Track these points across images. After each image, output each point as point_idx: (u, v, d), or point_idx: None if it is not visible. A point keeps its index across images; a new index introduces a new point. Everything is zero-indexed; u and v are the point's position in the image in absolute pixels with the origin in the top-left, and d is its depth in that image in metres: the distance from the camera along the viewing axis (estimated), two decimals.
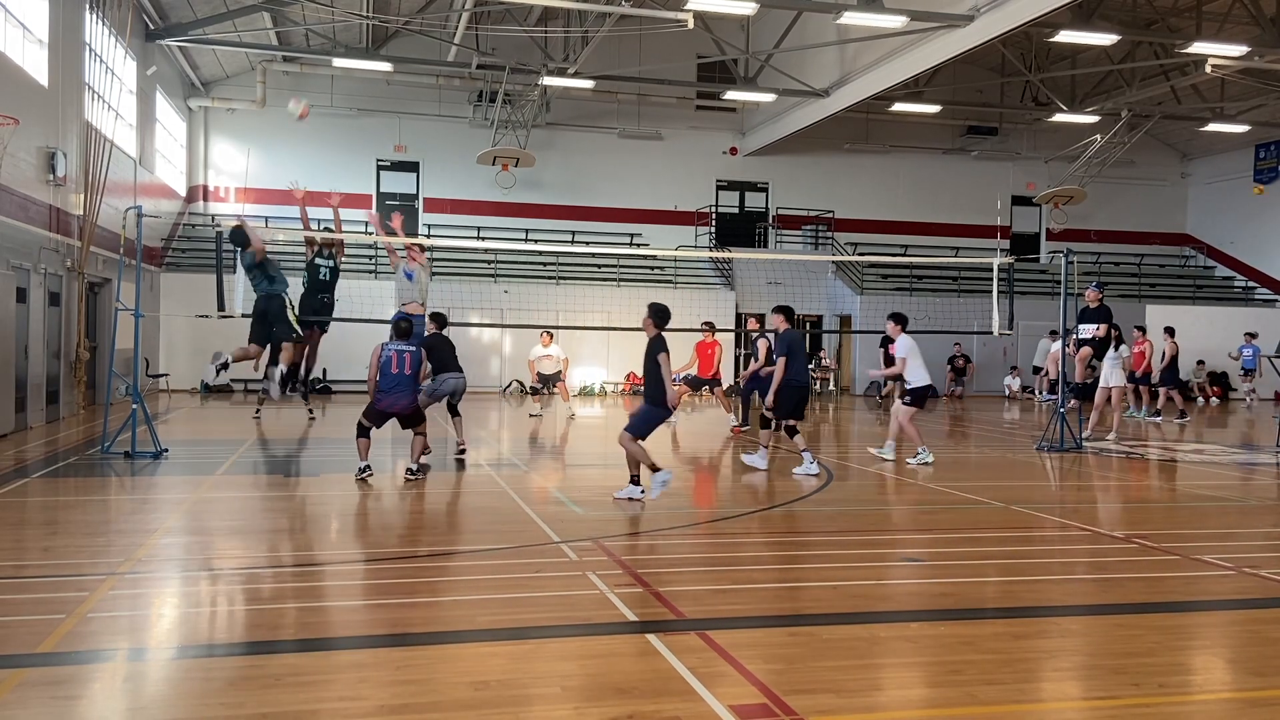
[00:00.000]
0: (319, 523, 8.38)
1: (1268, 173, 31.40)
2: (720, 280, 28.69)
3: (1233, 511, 9.35)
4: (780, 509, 9.08)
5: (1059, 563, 7.25)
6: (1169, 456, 13.84)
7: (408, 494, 9.48)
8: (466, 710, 4.02)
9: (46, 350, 15.47)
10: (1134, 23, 24.63)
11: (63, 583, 5.94)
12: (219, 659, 4.65)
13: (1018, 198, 32.76)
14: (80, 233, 17.13)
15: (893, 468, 11.86)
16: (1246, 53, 21.87)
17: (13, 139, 13.71)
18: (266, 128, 27.41)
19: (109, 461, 11.18)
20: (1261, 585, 6.38)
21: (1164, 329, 21.03)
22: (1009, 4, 18.58)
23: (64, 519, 8.29)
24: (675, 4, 21.14)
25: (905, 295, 28.57)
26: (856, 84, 24.12)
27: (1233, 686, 4.64)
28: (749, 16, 22.23)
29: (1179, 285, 32.38)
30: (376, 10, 24.18)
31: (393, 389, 9.97)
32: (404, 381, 10.00)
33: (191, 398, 22.31)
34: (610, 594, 5.76)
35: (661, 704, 4.10)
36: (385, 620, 5.37)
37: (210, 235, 22.37)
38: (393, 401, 10.01)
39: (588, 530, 7.70)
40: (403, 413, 10.12)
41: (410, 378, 10.06)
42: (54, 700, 4.12)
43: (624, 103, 29.23)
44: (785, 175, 31.10)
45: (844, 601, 5.95)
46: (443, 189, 28.99)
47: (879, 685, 4.55)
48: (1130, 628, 5.39)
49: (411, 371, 10.06)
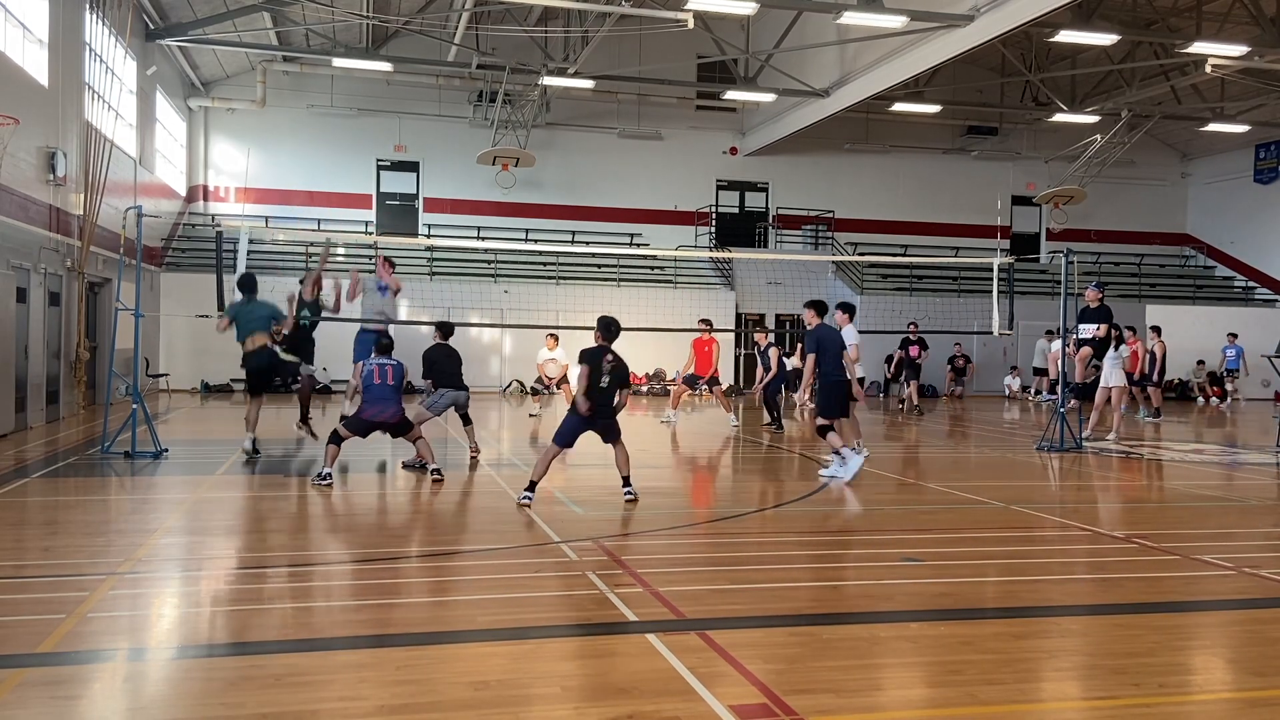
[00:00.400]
0: (319, 523, 8.37)
1: (1268, 173, 31.41)
2: (720, 280, 28.69)
3: (1233, 511, 9.35)
4: (780, 509, 9.08)
5: (1059, 563, 7.25)
6: (1169, 457, 13.83)
7: (408, 494, 9.49)
8: (466, 710, 4.02)
9: (46, 350, 15.47)
10: (1134, 23, 24.64)
11: (63, 583, 5.94)
12: (219, 659, 4.65)
13: (1018, 198, 32.76)
14: (80, 233, 17.13)
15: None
16: (1246, 53, 21.88)
17: (13, 139, 13.71)
18: (266, 128, 27.43)
19: (109, 461, 11.18)
20: (1261, 585, 6.37)
21: (1150, 328, 21.02)
22: (1009, 4, 18.57)
23: (64, 519, 8.29)
24: (675, 4, 21.15)
25: (905, 295, 28.60)
26: (856, 84, 24.12)
27: (1233, 686, 4.64)
28: (749, 16, 22.23)
29: (1179, 285, 32.39)
30: (376, 10, 24.19)
31: (377, 400, 9.96)
32: (388, 392, 9.99)
33: (191, 397, 22.32)
34: (610, 594, 5.76)
35: (661, 704, 4.10)
36: (385, 620, 5.36)
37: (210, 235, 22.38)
38: (379, 411, 9.98)
39: (588, 530, 7.70)
40: (389, 421, 10.09)
41: (393, 388, 10.03)
42: (54, 700, 4.12)
43: (624, 103, 29.23)
44: (785, 175, 31.10)
45: (844, 601, 5.95)
46: (443, 189, 29.00)
47: (879, 685, 4.55)
48: (1130, 628, 5.39)
49: (394, 382, 10.03)
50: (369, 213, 28.62)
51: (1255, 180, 31.82)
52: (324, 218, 27.66)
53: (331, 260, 26.91)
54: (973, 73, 28.51)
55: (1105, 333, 14.67)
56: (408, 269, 26.57)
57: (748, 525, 8.34)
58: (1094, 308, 14.82)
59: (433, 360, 11.37)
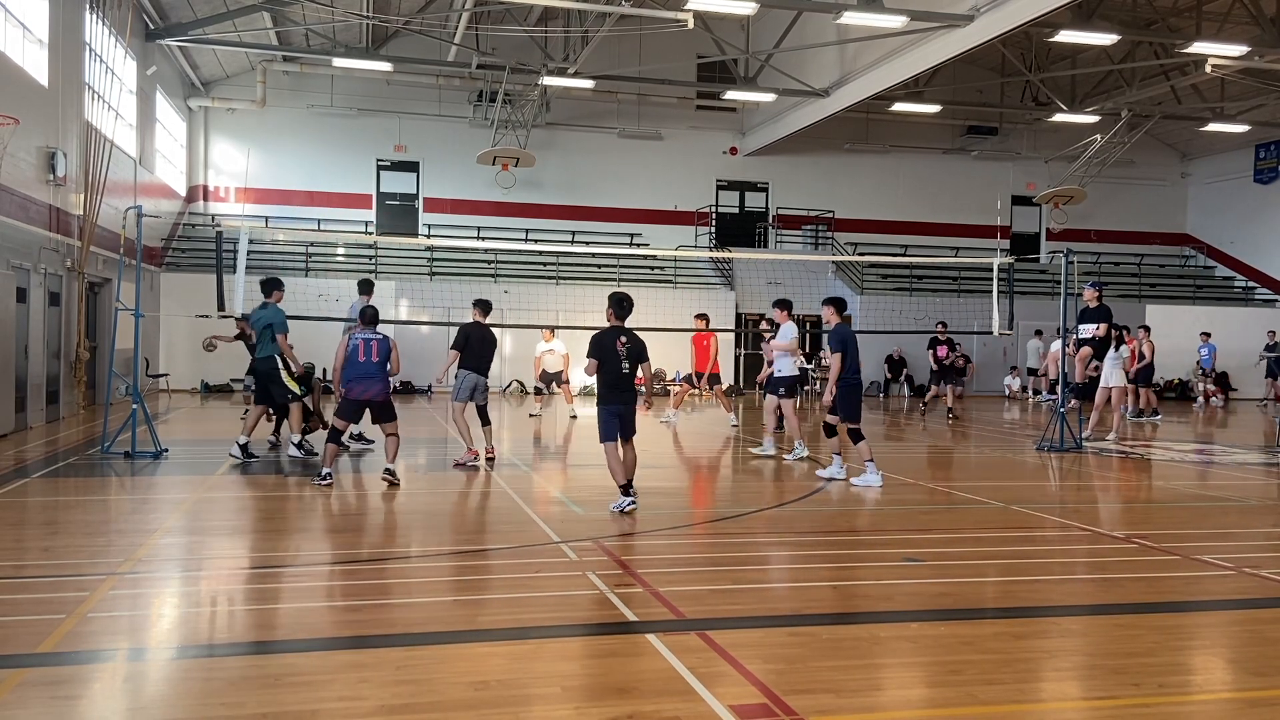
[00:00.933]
0: (318, 523, 8.37)
1: (1268, 173, 31.41)
2: (720, 280, 28.68)
3: (1233, 511, 9.35)
4: (780, 509, 9.08)
5: (1059, 563, 7.25)
6: (1169, 457, 13.83)
7: (408, 494, 9.48)
8: (466, 710, 4.02)
9: (46, 350, 15.47)
10: (1134, 23, 24.64)
11: (63, 583, 5.94)
12: (219, 659, 4.65)
13: (1018, 198, 32.76)
14: (80, 233, 17.13)
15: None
16: (1246, 53, 21.88)
17: (13, 139, 13.71)
18: (266, 128, 27.43)
19: (109, 461, 11.18)
20: (1261, 585, 6.38)
21: (1139, 327, 21.01)
22: (1009, 4, 18.57)
23: (64, 519, 8.29)
24: (675, 4, 21.14)
25: (905, 295, 28.60)
26: (856, 84, 24.12)
27: (1233, 686, 4.64)
28: (749, 16, 22.23)
29: (1179, 285, 32.39)
30: (376, 10, 24.19)
31: (361, 377, 9.78)
32: (372, 369, 9.81)
33: (191, 398, 22.31)
34: (610, 594, 5.76)
35: (661, 704, 4.10)
36: (385, 620, 5.36)
37: (210, 235, 22.39)
38: (364, 389, 9.82)
39: (588, 530, 7.70)
40: (374, 400, 9.91)
41: (378, 365, 9.86)
42: (54, 700, 4.12)
43: (624, 103, 29.23)
44: (785, 175, 31.10)
45: (844, 601, 5.95)
46: (443, 189, 29.00)
47: (879, 685, 4.55)
48: (1130, 628, 5.39)
49: (379, 359, 9.86)
50: (369, 213, 28.62)
51: (1255, 180, 31.83)
52: (324, 218, 27.67)
53: (331, 260, 27.00)
54: (973, 73, 28.51)
55: (1105, 332, 14.68)
56: (408, 269, 26.60)
57: (748, 525, 8.34)
58: (1093, 307, 14.82)
59: (467, 335, 11.22)
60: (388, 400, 10.03)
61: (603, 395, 8.75)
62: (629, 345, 8.68)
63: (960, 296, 28.26)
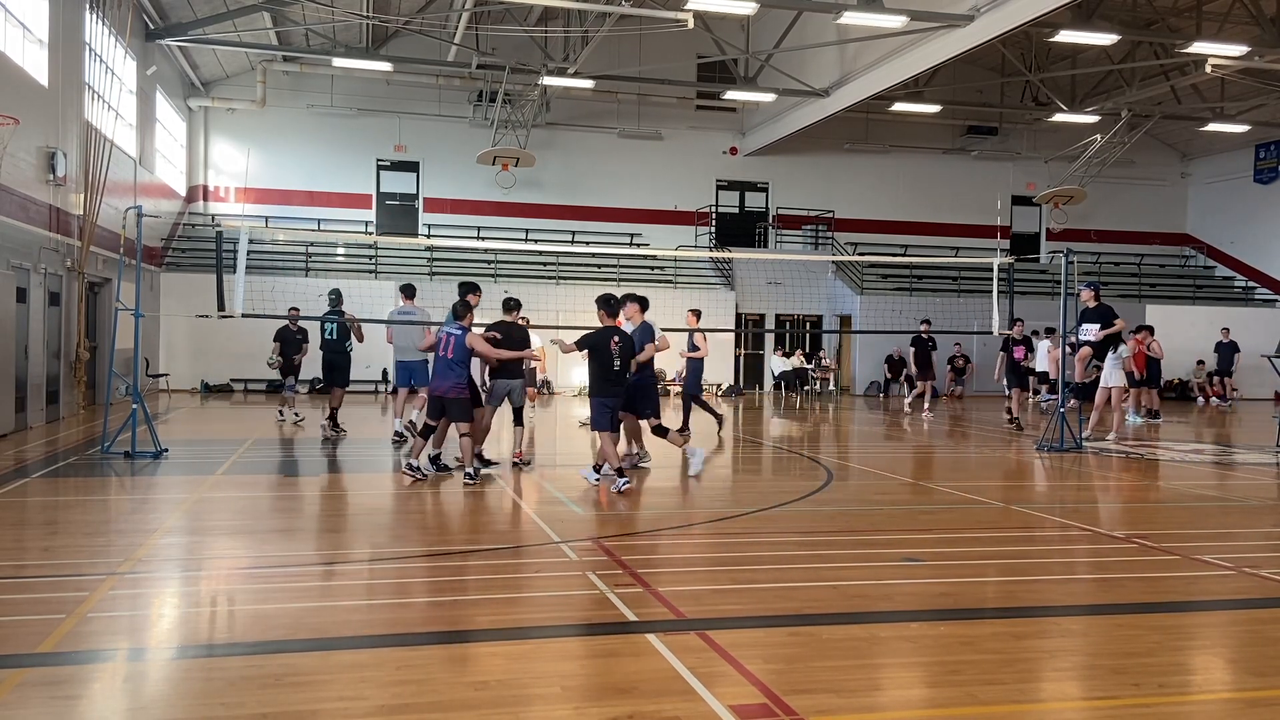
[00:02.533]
0: (318, 522, 8.37)
1: (1267, 173, 31.42)
2: (720, 280, 28.69)
3: (1233, 511, 9.35)
4: (780, 509, 9.08)
5: (1059, 563, 7.25)
6: (1169, 457, 13.83)
7: (408, 495, 9.48)
8: (466, 710, 4.02)
9: (46, 350, 15.47)
10: (1134, 23, 24.64)
11: (63, 583, 5.94)
12: (219, 659, 4.65)
13: (1018, 198, 32.77)
14: (80, 233, 17.13)
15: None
16: (1246, 53, 21.88)
17: (13, 139, 13.71)
18: (266, 128, 27.44)
19: (109, 461, 11.17)
20: (1261, 585, 6.37)
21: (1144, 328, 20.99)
22: (1009, 4, 18.58)
23: (64, 519, 8.29)
24: (675, 4, 21.14)
25: (905, 295, 28.60)
26: (856, 84, 24.13)
27: (1233, 686, 4.64)
28: (749, 16, 22.24)
29: (1179, 285, 32.39)
30: (376, 10, 24.19)
31: (437, 373, 10.22)
32: (441, 366, 10.09)
33: (191, 397, 22.31)
34: (610, 594, 5.76)
35: (661, 704, 4.10)
36: (385, 620, 5.36)
37: (210, 235, 22.39)
38: (436, 385, 10.17)
39: (588, 530, 7.70)
40: (445, 395, 10.01)
41: (453, 360, 9.99)
42: (54, 700, 4.12)
43: (624, 103, 29.23)
44: (785, 175, 31.10)
45: (844, 601, 5.95)
46: (443, 189, 29.00)
47: (879, 685, 4.55)
48: (1130, 628, 5.39)
49: (454, 355, 9.98)
50: (369, 213, 28.62)
51: (1255, 180, 31.83)
52: (324, 218, 27.67)
53: (331, 260, 27.00)
54: (973, 73, 28.51)
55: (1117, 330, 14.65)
56: (408, 269, 26.59)
57: (748, 525, 8.34)
58: (1092, 307, 14.82)
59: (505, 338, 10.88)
60: (460, 398, 10.03)
61: (598, 388, 9.81)
62: (621, 344, 9.70)
63: (960, 296, 28.25)
